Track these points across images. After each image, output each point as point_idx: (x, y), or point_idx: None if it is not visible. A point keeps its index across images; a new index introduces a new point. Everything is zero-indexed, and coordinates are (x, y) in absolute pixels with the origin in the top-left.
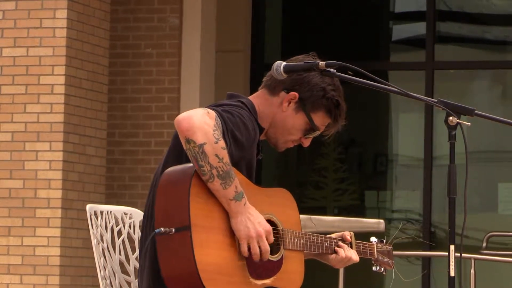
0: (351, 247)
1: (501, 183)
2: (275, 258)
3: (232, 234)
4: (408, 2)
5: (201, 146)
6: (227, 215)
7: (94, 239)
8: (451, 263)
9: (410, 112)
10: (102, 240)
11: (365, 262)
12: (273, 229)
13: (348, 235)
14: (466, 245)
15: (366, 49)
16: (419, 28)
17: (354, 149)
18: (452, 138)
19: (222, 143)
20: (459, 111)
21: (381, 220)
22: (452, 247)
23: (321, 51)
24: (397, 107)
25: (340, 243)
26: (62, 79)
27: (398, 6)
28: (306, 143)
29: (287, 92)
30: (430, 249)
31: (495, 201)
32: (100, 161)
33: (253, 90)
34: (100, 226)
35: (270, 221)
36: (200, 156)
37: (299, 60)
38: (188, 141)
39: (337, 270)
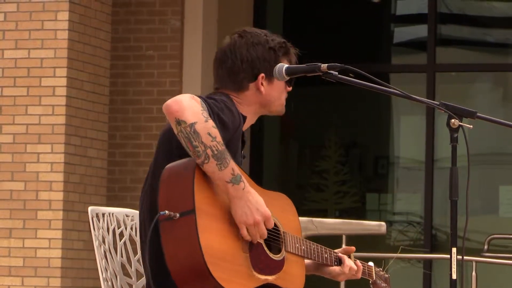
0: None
1: (503, 186)
2: (277, 257)
3: (235, 226)
4: (409, 4)
5: (192, 125)
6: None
7: (95, 241)
8: (452, 265)
9: (412, 115)
10: (103, 242)
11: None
12: (274, 230)
13: (351, 247)
14: (468, 247)
15: (368, 51)
16: (420, 31)
17: (355, 151)
18: (453, 140)
19: (212, 122)
20: (461, 114)
21: (383, 223)
22: (454, 250)
23: (322, 53)
24: (399, 109)
25: (340, 255)
26: (63, 81)
27: (400, 8)
28: (290, 88)
29: (255, 79)
30: (432, 252)
31: (497, 203)
32: (101, 163)
33: None
34: (102, 228)
35: None
36: (192, 136)
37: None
38: (179, 122)
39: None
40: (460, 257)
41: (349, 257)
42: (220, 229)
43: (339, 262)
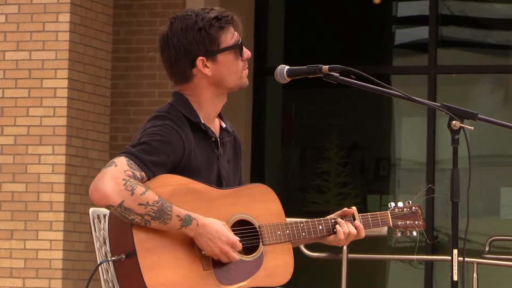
0: (354, 221)
1: (504, 188)
2: (251, 258)
3: (189, 246)
4: (410, 6)
5: (120, 205)
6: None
7: (97, 243)
8: (454, 267)
9: (413, 116)
10: (104, 243)
11: (367, 265)
12: (248, 228)
13: (350, 209)
14: (469, 249)
15: (369, 53)
16: (421, 32)
17: (356, 153)
18: (455, 142)
19: (139, 189)
20: (462, 115)
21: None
22: (455, 251)
23: (323, 55)
24: (400, 111)
25: (338, 219)
26: (65, 83)
27: (401, 10)
28: (247, 54)
29: (195, 66)
30: (433, 253)
31: (498, 205)
32: (103, 165)
33: (256, 94)
34: (103, 229)
35: (243, 221)
36: (125, 213)
37: None
38: (108, 207)
39: (340, 265)
40: (461, 258)
41: (353, 218)
42: (170, 259)
43: None
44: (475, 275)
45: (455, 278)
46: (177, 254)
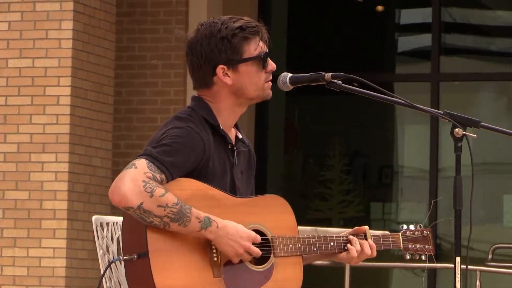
0: (366, 240)
1: (506, 195)
2: (261, 268)
3: (201, 252)
4: (413, 13)
5: (139, 207)
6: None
7: (100, 250)
8: (457, 275)
9: (416, 124)
10: (108, 251)
11: (370, 272)
12: (261, 239)
13: (362, 228)
14: (472, 257)
15: (372, 60)
16: (424, 40)
17: (359, 161)
18: (458, 150)
19: (158, 191)
20: (465, 123)
21: (387, 232)
22: (458, 259)
23: (326, 62)
24: (403, 118)
25: (350, 237)
26: (67, 90)
27: (404, 18)
28: (271, 67)
29: (216, 73)
30: (436, 261)
31: (500, 213)
32: (105, 172)
33: None
34: (106, 237)
35: (256, 231)
36: (144, 215)
37: None
38: (127, 208)
39: (343, 272)
40: (464, 266)
41: (365, 236)
42: (181, 262)
43: None
44: (478, 283)
45: (458, 286)
46: (189, 258)
